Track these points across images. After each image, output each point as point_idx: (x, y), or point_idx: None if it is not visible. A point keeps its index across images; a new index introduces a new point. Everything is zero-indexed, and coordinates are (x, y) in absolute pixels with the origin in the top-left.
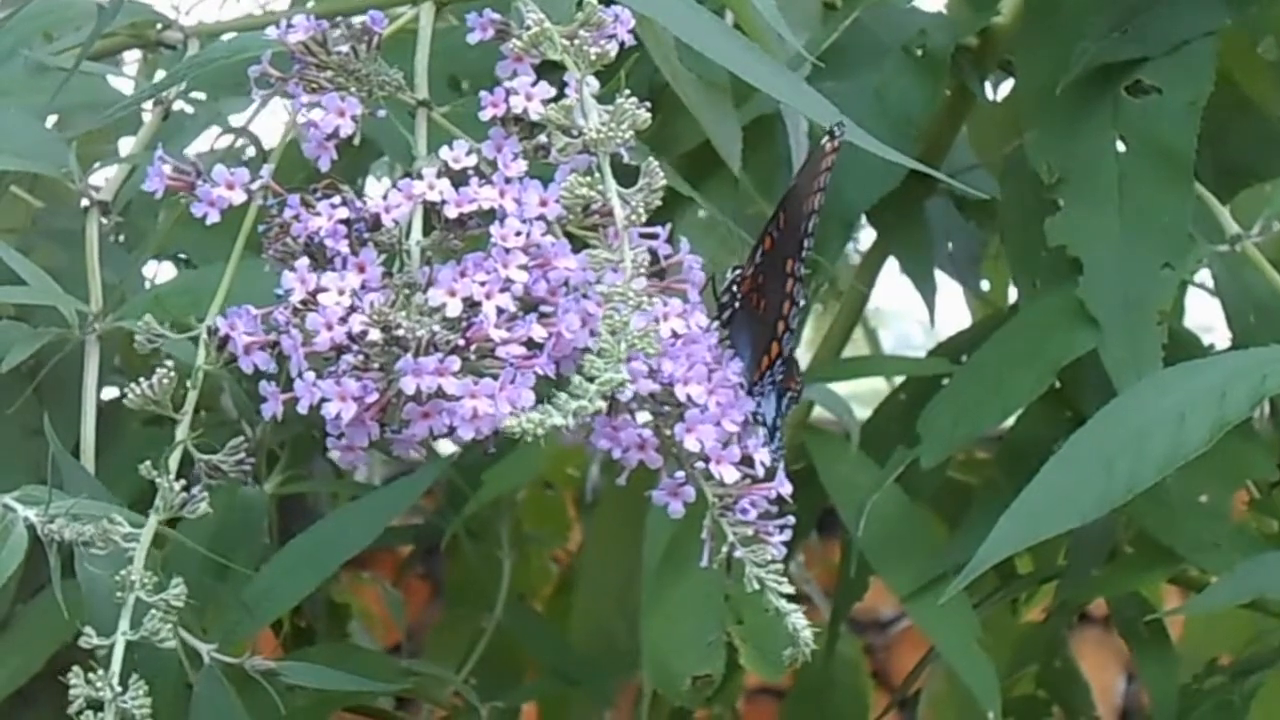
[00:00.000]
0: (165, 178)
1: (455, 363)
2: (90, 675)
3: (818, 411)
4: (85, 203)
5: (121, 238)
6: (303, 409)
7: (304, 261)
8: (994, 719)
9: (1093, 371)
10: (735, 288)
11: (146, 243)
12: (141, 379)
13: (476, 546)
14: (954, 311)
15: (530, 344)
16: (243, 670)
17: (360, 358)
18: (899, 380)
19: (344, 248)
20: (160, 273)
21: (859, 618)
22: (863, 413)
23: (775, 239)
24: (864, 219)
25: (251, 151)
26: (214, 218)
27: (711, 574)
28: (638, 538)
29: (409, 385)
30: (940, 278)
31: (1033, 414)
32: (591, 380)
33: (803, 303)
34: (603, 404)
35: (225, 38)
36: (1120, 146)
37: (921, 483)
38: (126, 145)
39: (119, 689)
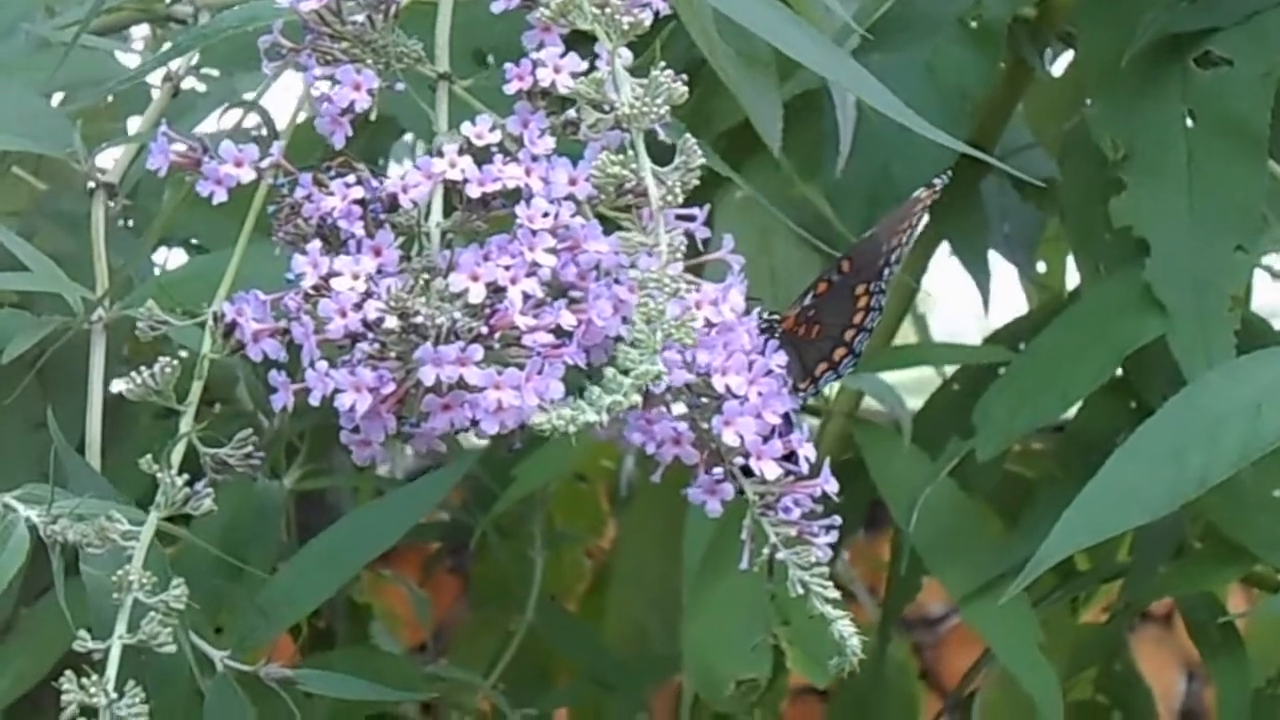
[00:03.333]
0: (170, 155)
1: (478, 351)
2: (84, 681)
3: (866, 402)
4: (91, 185)
5: (130, 222)
6: (315, 400)
7: (316, 244)
8: None
9: (1159, 360)
10: (774, 323)
11: (155, 226)
12: (143, 368)
13: (506, 544)
14: (1007, 298)
15: (559, 332)
16: (257, 677)
17: (376, 346)
18: (951, 370)
19: (359, 230)
20: (172, 259)
21: (906, 615)
22: (912, 403)
23: (834, 282)
24: None
25: (265, 131)
26: (221, 197)
27: (756, 573)
28: (675, 534)
29: (428, 376)
30: (993, 262)
31: (1095, 404)
32: (626, 373)
33: (881, 312)
34: (638, 398)
35: (236, 8)
36: (1189, 121)
37: (977, 476)
38: (135, 125)
39: (114, 695)
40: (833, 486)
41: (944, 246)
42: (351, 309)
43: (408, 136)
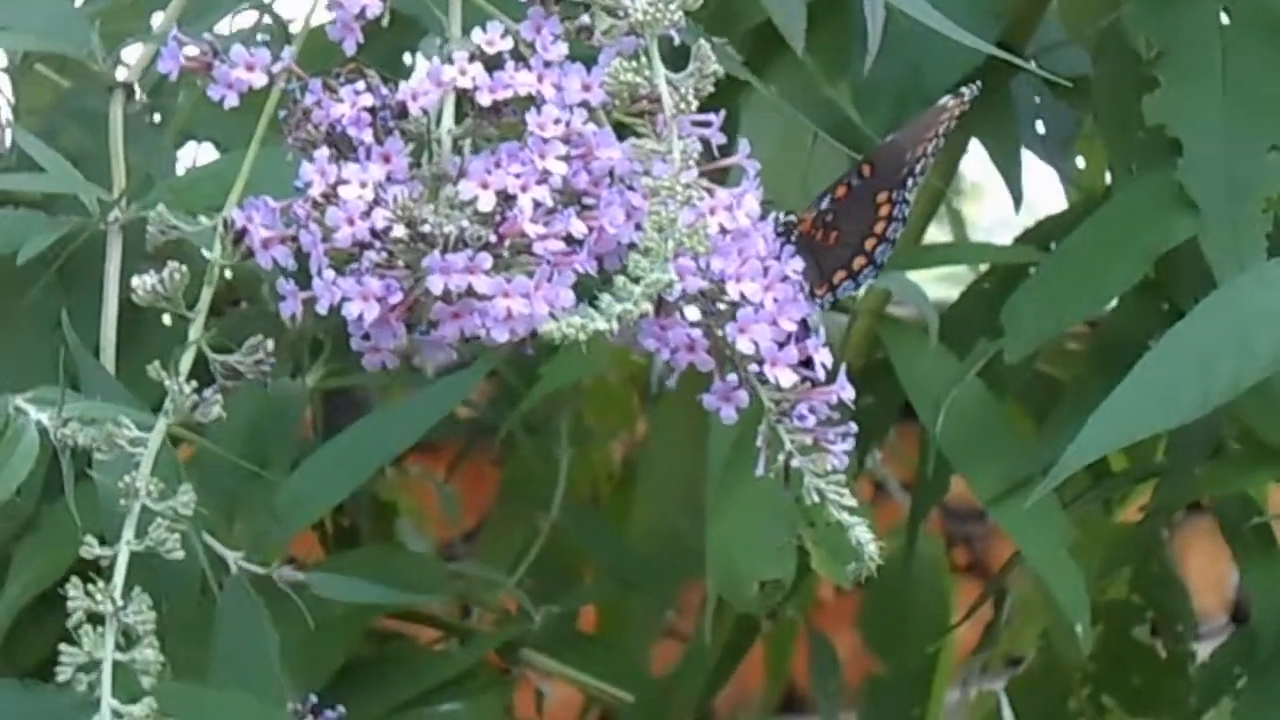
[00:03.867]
0: (180, 59)
1: (487, 259)
2: (90, 587)
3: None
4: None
5: (156, 117)
6: (322, 309)
7: (324, 152)
8: (1082, 632)
9: (1191, 261)
10: (790, 226)
11: (172, 125)
12: (151, 273)
13: (533, 442)
14: (1051, 193)
15: (570, 240)
16: (272, 579)
17: (384, 255)
18: (985, 267)
19: (368, 137)
20: (202, 155)
21: (956, 507)
22: (951, 294)
23: (854, 186)
24: None
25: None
26: (232, 101)
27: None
28: (704, 431)
29: (436, 284)
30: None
31: (1126, 305)
32: (637, 281)
33: (905, 223)
34: (648, 307)
35: None
36: (1224, 19)
37: (1007, 377)
38: (159, 22)
39: (120, 603)
40: (849, 393)
41: None
42: (359, 217)
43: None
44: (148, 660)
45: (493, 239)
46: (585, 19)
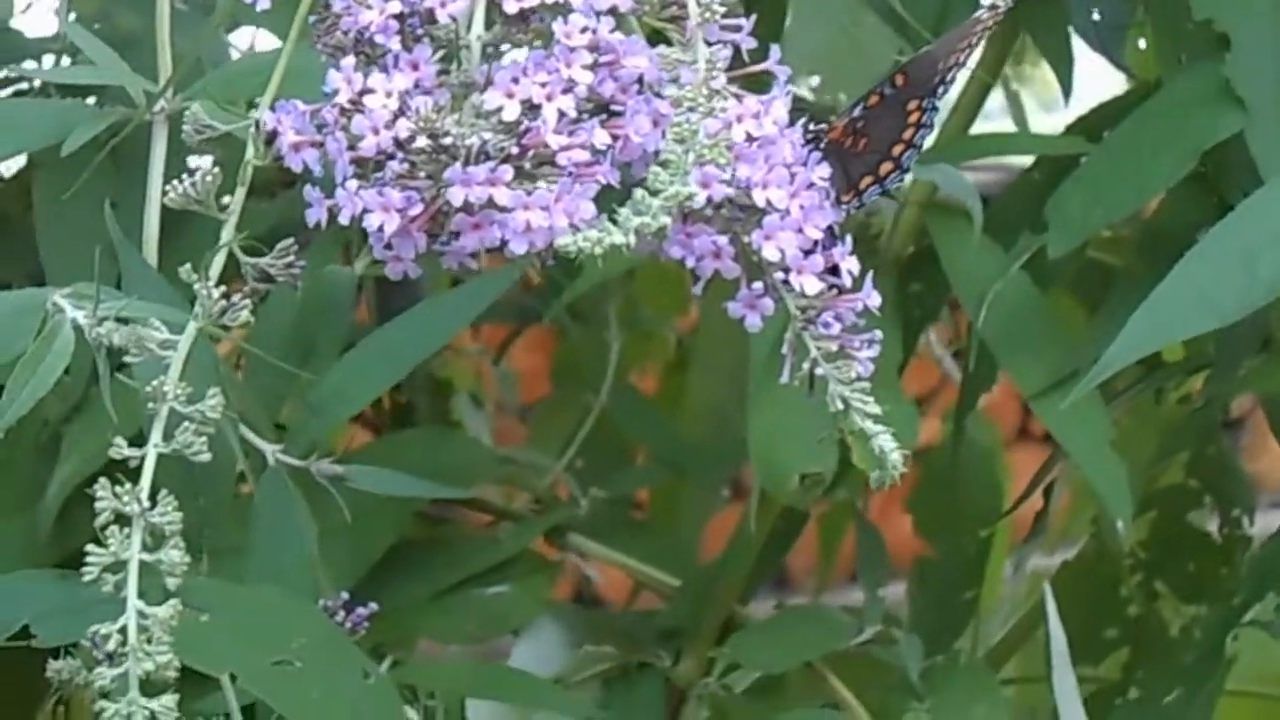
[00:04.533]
0: None
1: (507, 172)
2: (118, 489)
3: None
4: None
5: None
6: (344, 220)
7: (350, 60)
8: (1123, 528)
9: (1240, 154)
10: (820, 134)
11: (218, 12)
12: (184, 175)
13: (581, 327)
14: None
15: (595, 150)
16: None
17: (406, 165)
18: None
19: (395, 44)
20: (260, 40)
21: None
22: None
23: (886, 95)
24: None
25: None
26: (264, 4)
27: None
28: None
29: (457, 196)
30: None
31: (1175, 197)
32: (655, 194)
33: (932, 128)
34: (667, 220)
35: None
36: None
37: (1057, 266)
38: None
39: (146, 504)
40: (875, 300)
41: None
42: (384, 127)
43: None
44: (173, 561)
45: (514, 150)
46: None
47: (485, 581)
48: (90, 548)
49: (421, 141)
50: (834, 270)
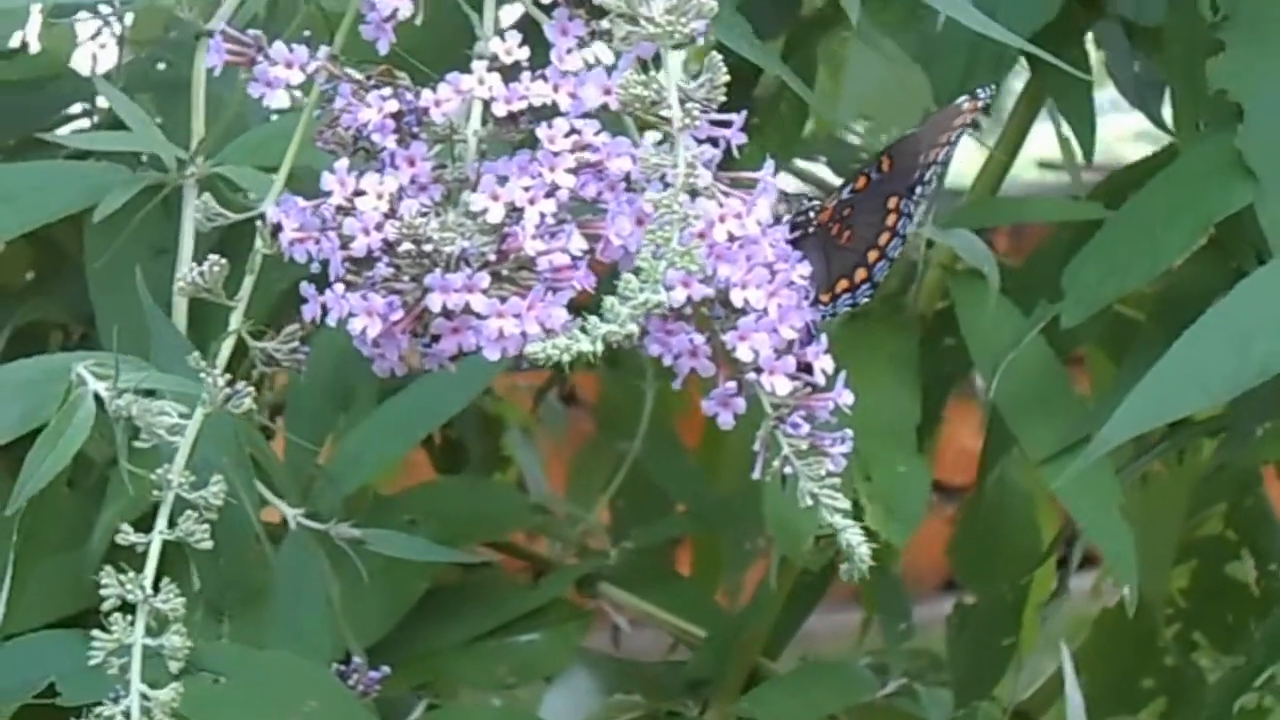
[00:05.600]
0: (224, 54)
1: (484, 279)
2: (122, 576)
3: None
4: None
5: None
6: (331, 321)
7: (343, 162)
8: (1129, 594)
9: (1256, 224)
10: (811, 214)
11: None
12: (194, 264)
13: (615, 375)
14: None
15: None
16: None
17: (392, 270)
18: None
19: (391, 143)
20: None
21: None
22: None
23: (872, 179)
24: None
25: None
26: (271, 99)
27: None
28: None
29: (435, 302)
30: None
31: (1192, 263)
32: (625, 302)
33: (905, 239)
34: (635, 328)
35: None
36: None
37: (1082, 327)
38: None
39: (150, 591)
40: (847, 399)
41: None
42: (374, 228)
43: None
44: (175, 647)
45: (492, 257)
46: (606, 23)
47: (519, 629)
48: (96, 633)
49: (407, 245)
50: (808, 369)
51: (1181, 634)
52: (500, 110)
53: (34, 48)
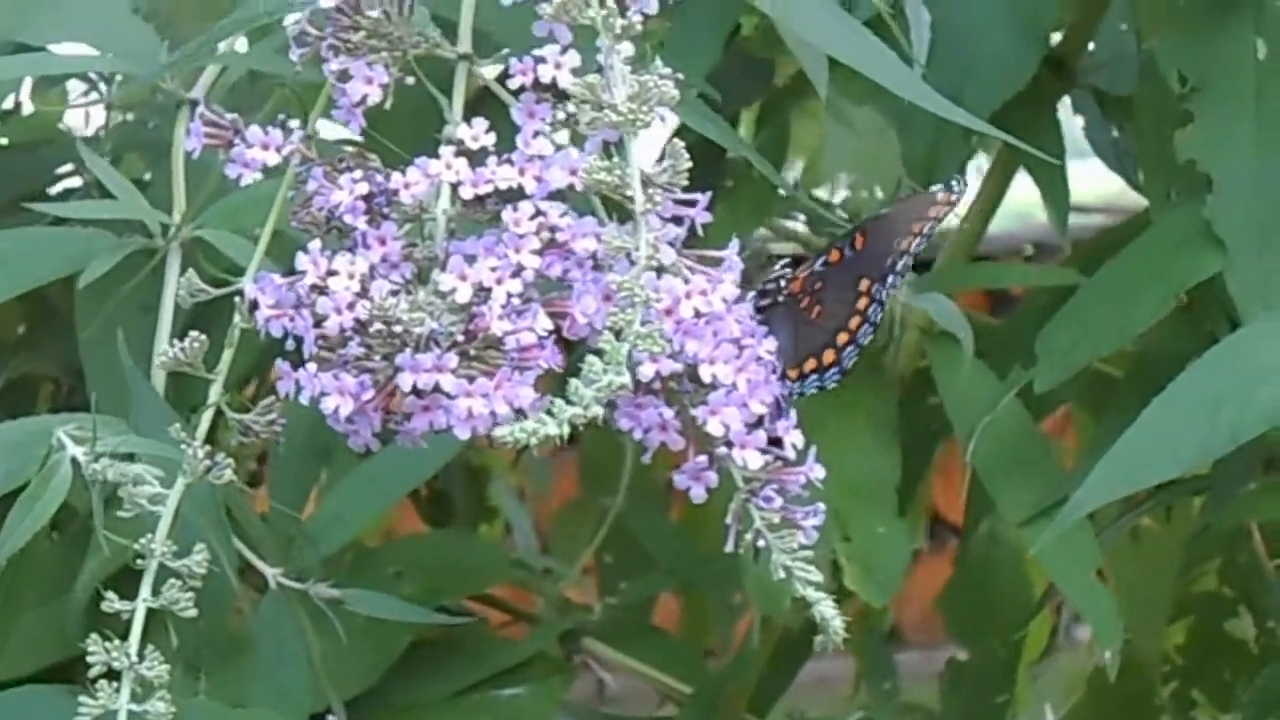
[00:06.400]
0: (203, 135)
1: (452, 359)
2: (108, 645)
3: None
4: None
5: None
6: (305, 400)
7: (316, 243)
8: (1110, 658)
9: (1225, 290)
10: (782, 282)
11: None
12: (175, 339)
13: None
14: None
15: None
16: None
17: (363, 349)
18: None
19: (362, 224)
20: None
21: None
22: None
23: (845, 254)
24: None
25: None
26: (248, 179)
27: (819, 490)
28: None
29: (405, 382)
30: None
31: (1169, 324)
32: (589, 384)
33: (876, 326)
34: (599, 410)
35: None
36: (1261, 52)
37: (1060, 389)
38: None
39: (135, 658)
40: (818, 473)
41: None
42: (346, 308)
43: None
44: (159, 712)
45: (460, 337)
46: (572, 108)
47: (502, 682)
48: (82, 699)
49: (377, 325)
50: (778, 442)
51: (1179, 691)
52: (467, 193)
53: (27, 108)
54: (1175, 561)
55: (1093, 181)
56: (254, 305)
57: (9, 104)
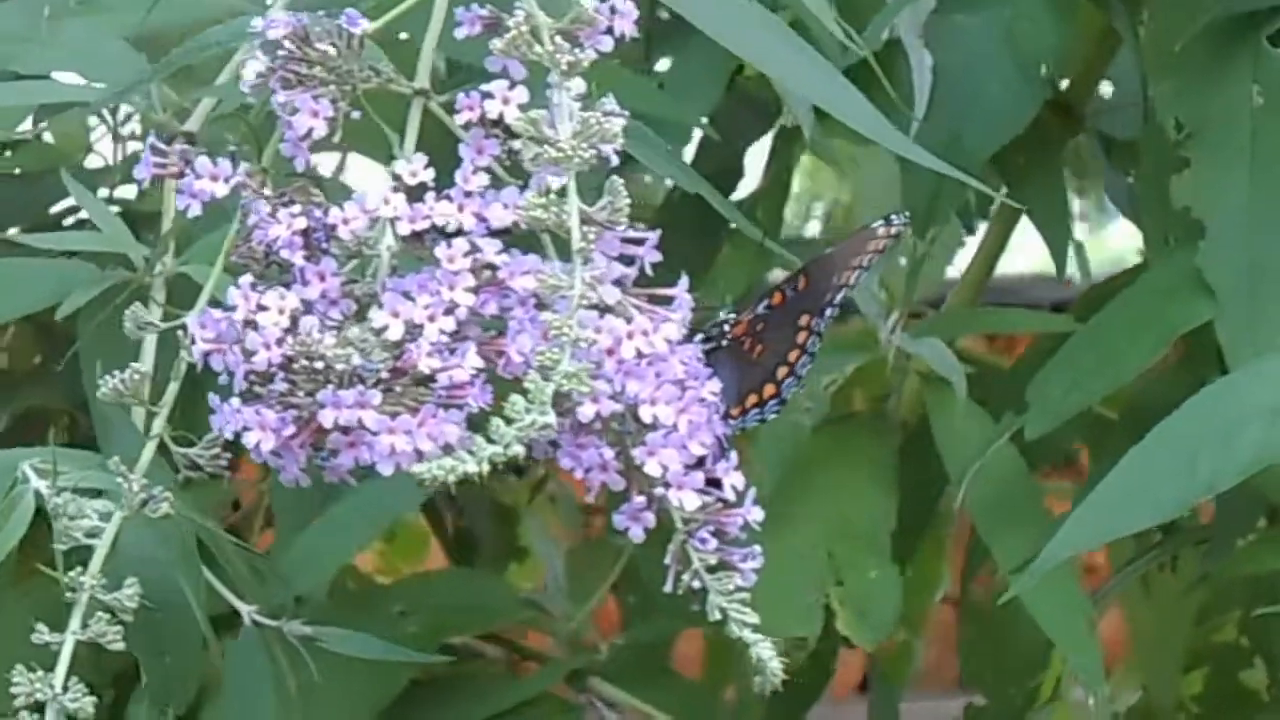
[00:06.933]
0: (153, 166)
1: (375, 396)
2: (32, 675)
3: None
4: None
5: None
6: (228, 434)
7: (247, 278)
8: (1094, 705)
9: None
10: (726, 327)
11: None
12: (115, 372)
13: None
14: None
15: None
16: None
17: (287, 385)
18: None
19: (299, 260)
20: None
21: None
22: None
23: (787, 296)
24: None
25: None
26: (195, 210)
27: (814, 531)
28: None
29: (328, 418)
30: None
31: (1162, 372)
32: (510, 424)
33: (815, 357)
34: (521, 450)
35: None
36: (1258, 100)
37: (1058, 436)
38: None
39: (60, 690)
40: (756, 515)
41: None
42: (275, 343)
43: None
44: None
45: (385, 375)
46: (517, 144)
47: None
48: None
49: (302, 362)
50: (716, 484)
51: None
52: (404, 229)
53: (47, 138)
54: (1189, 612)
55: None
56: (193, 340)
57: (27, 131)
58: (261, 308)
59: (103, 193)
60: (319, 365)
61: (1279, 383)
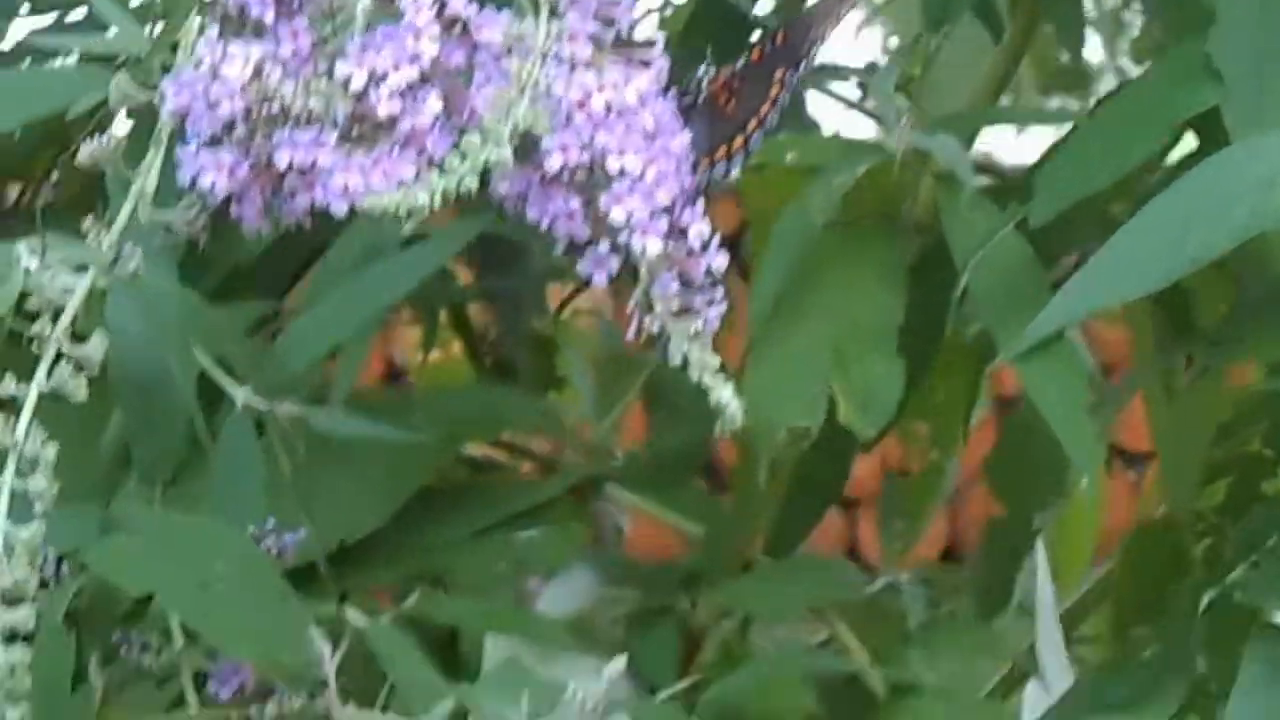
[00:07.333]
0: None
1: (331, 135)
2: None
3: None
4: None
5: None
6: (183, 180)
7: (213, 30)
8: (1087, 485)
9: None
10: (702, 84)
11: None
12: (89, 139)
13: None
14: None
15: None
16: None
17: (248, 130)
18: None
19: (269, 17)
20: None
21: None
22: None
23: (766, 52)
24: None
25: None
26: None
27: (821, 327)
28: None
29: (283, 158)
30: None
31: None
32: (464, 159)
33: (784, 110)
34: (474, 183)
35: None
36: None
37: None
38: None
39: (21, 438)
40: (721, 261)
41: None
42: (239, 93)
43: None
44: (40, 489)
45: (340, 119)
46: None
47: (521, 526)
48: None
49: (264, 108)
50: (681, 231)
51: (1213, 547)
52: None
53: None
54: (1210, 423)
55: None
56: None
57: None
58: (227, 58)
59: None
60: (277, 109)
61: (1275, 155)
